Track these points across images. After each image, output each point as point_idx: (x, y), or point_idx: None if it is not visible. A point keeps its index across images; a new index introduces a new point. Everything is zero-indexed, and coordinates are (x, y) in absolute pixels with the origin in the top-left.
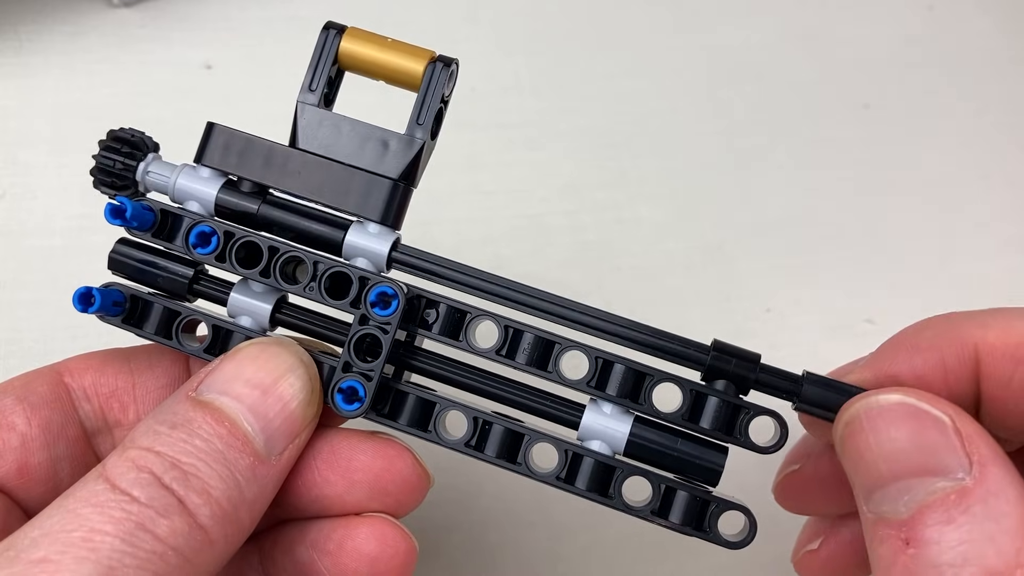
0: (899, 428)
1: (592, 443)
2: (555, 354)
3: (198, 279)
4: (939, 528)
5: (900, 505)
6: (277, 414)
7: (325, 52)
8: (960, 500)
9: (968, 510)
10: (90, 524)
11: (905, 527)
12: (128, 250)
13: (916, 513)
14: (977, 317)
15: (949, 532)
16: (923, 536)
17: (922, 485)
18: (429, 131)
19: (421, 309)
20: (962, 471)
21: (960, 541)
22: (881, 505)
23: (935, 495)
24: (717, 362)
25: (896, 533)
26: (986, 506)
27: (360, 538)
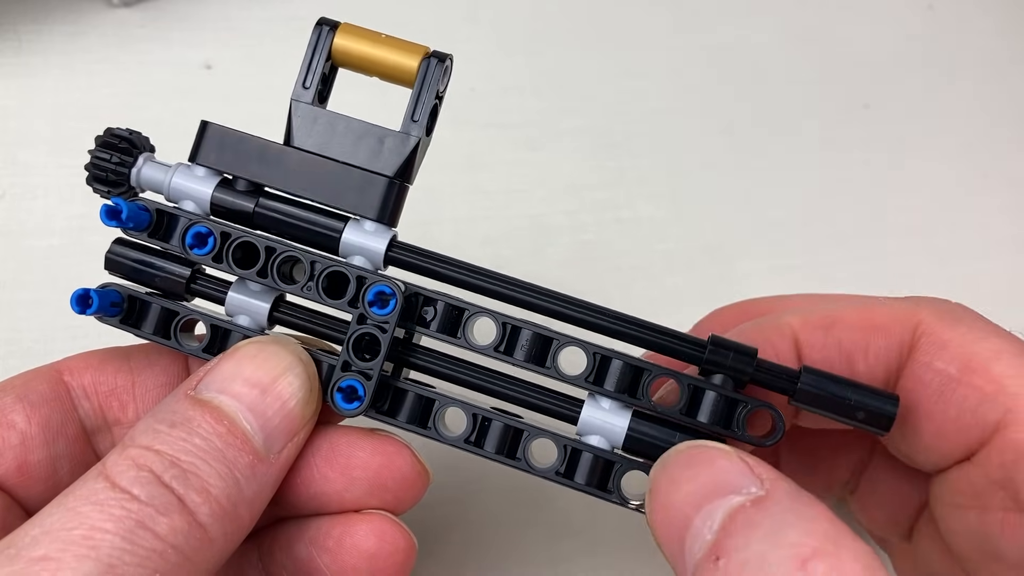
0: (690, 467)
1: (591, 438)
2: (553, 350)
3: (195, 278)
4: (743, 533)
5: (706, 533)
6: (276, 412)
7: (318, 49)
8: (757, 506)
9: (767, 511)
10: (90, 522)
11: (713, 548)
12: (124, 250)
13: (720, 530)
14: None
15: (752, 533)
16: (729, 544)
17: (721, 505)
18: (424, 128)
19: (419, 307)
20: (755, 487)
21: (764, 536)
22: (693, 551)
23: (733, 507)
24: (714, 356)
25: (710, 565)
26: (782, 506)
27: (359, 535)
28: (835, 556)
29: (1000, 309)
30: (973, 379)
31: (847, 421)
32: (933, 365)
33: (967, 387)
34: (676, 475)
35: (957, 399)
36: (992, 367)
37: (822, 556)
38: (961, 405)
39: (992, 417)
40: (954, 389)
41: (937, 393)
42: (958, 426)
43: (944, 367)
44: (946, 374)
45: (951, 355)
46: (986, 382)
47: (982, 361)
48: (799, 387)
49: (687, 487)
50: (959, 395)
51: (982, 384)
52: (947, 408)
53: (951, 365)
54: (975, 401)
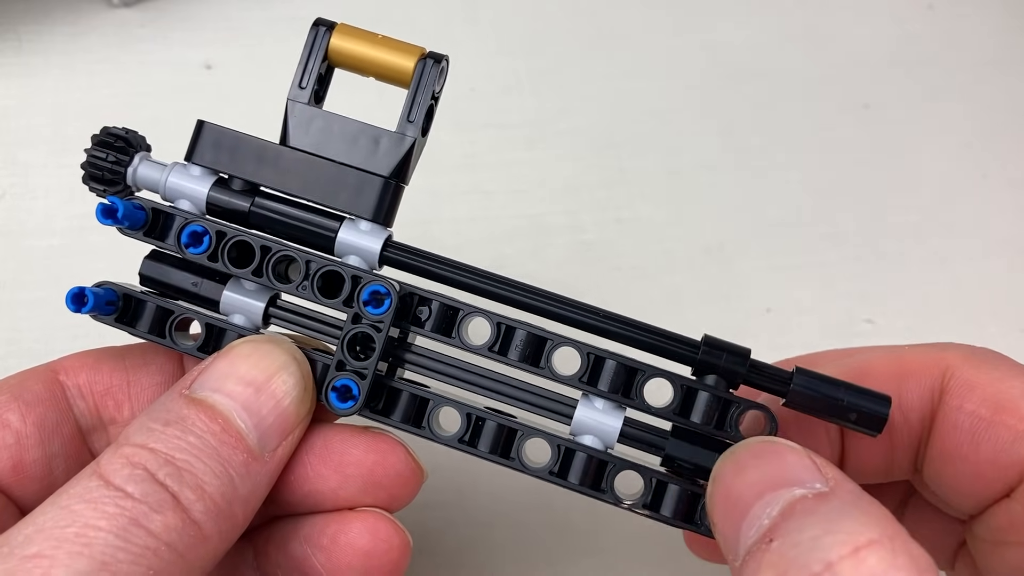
0: (760, 457)
1: (584, 438)
2: (547, 350)
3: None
4: (799, 519)
5: (763, 518)
6: (270, 411)
7: (315, 49)
8: (819, 498)
9: (828, 503)
10: (84, 520)
11: (768, 531)
12: (159, 266)
13: (778, 516)
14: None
15: (809, 520)
16: (784, 527)
17: (782, 495)
18: (420, 128)
19: (414, 306)
20: (819, 483)
21: (820, 522)
22: (748, 535)
23: (795, 498)
24: (707, 357)
25: (763, 546)
26: (843, 501)
27: (354, 532)
28: (889, 549)
29: (1000, 309)
30: (1005, 418)
31: (840, 422)
32: (964, 408)
33: (1000, 427)
34: (743, 463)
35: (991, 439)
36: (1022, 405)
37: (875, 547)
38: (995, 445)
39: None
40: (987, 429)
41: (970, 435)
42: (994, 465)
43: (975, 408)
44: (977, 415)
45: (981, 397)
46: (1018, 420)
47: (1012, 400)
48: (792, 388)
49: (752, 475)
50: (992, 435)
51: (1015, 423)
52: (981, 449)
53: (982, 407)
54: (1009, 439)
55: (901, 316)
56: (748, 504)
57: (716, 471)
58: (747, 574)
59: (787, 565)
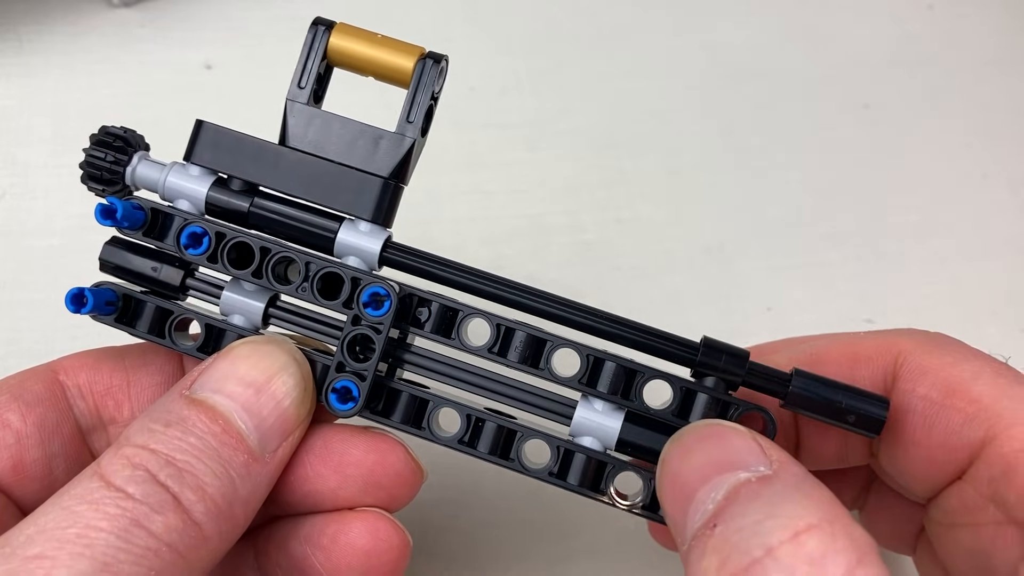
0: (705, 441)
1: (584, 439)
2: (547, 351)
3: (190, 275)
4: (743, 504)
5: (708, 503)
6: (270, 412)
7: (314, 49)
8: (762, 482)
9: (771, 487)
10: (85, 520)
11: (712, 517)
12: (118, 251)
13: (722, 500)
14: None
15: (752, 505)
16: (727, 513)
17: (727, 479)
18: (419, 128)
19: (413, 307)
20: (763, 466)
21: (762, 507)
22: (694, 520)
23: (739, 482)
24: (706, 359)
25: (707, 531)
26: (786, 484)
27: (353, 532)
28: (829, 533)
29: (1000, 309)
30: (955, 401)
31: (838, 424)
32: (916, 391)
33: (950, 410)
34: (688, 447)
35: (942, 422)
36: (972, 388)
37: (816, 531)
38: (946, 428)
39: (976, 435)
40: (938, 413)
41: (922, 419)
42: (945, 448)
43: (927, 392)
44: (929, 399)
45: (932, 380)
46: (967, 403)
47: (962, 383)
48: (790, 390)
49: (696, 459)
50: (943, 418)
51: (964, 405)
52: (933, 432)
53: (933, 390)
54: (959, 422)
55: (901, 316)
56: (694, 488)
57: (663, 455)
58: (692, 559)
59: (729, 550)
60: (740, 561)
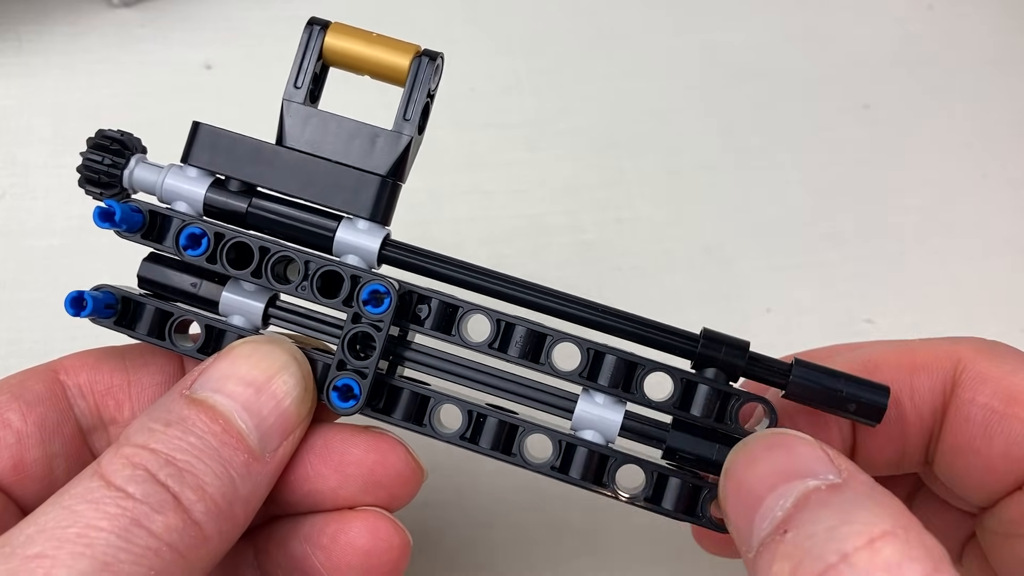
0: (772, 449)
1: (585, 433)
2: (547, 346)
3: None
4: (813, 510)
5: (777, 510)
6: (271, 411)
7: (310, 48)
8: (832, 489)
9: (841, 495)
10: (85, 520)
11: (782, 523)
12: (157, 267)
13: (791, 507)
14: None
15: (824, 511)
16: (798, 519)
17: (795, 487)
18: (416, 126)
19: (413, 304)
20: (832, 474)
21: (835, 514)
22: (761, 527)
23: (808, 489)
24: (707, 350)
25: (777, 537)
26: (857, 492)
27: (353, 532)
28: (904, 540)
29: (1000, 309)
30: (1017, 411)
31: (839, 413)
32: (977, 400)
33: (1012, 419)
34: (755, 456)
35: (1004, 432)
36: None
37: (890, 538)
38: (1008, 438)
39: None
40: (999, 422)
41: (982, 428)
42: (1007, 458)
43: (987, 401)
44: (990, 408)
45: (993, 389)
46: None
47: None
48: (791, 380)
49: (764, 467)
50: (1005, 428)
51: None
52: (994, 442)
53: (994, 399)
54: (1021, 432)
55: (901, 316)
56: (761, 496)
57: (728, 464)
58: (761, 566)
59: (802, 556)
60: (814, 567)
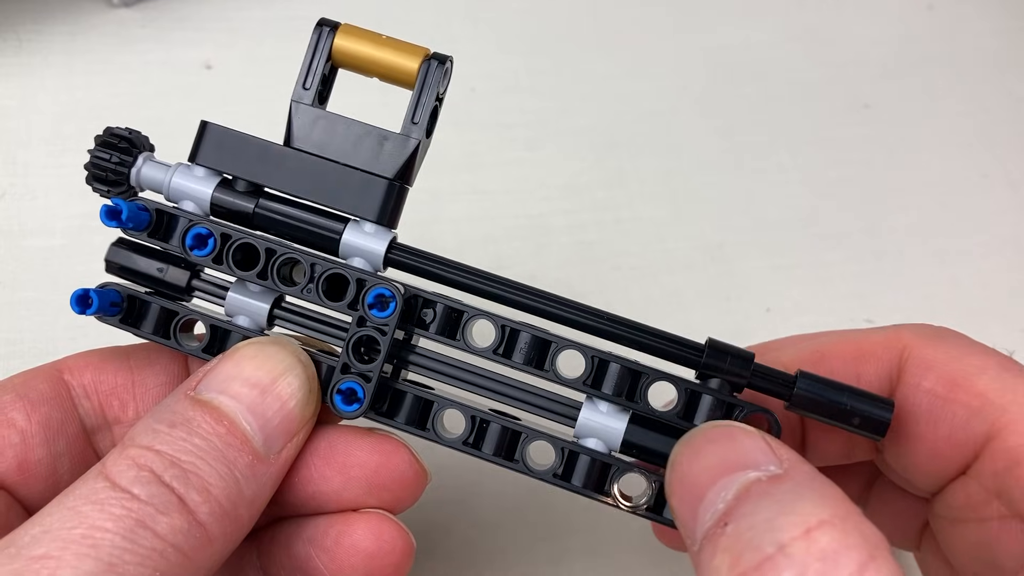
0: (715, 442)
1: (588, 441)
2: (551, 353)
3: (196, 276)
4: (754, 502)
5: (719, 503)
6: (275, 413)
7: (319, 50)
8: (773, 480)
9: (781, 485)
10: (90, 521)
11: (724, 516)
12: (124, 252)
13: (732, 499)
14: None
15: (764, 503)
16: (739, 511)
17: (737, 478)
18: (424, 129)
19: (418, 309)
20: (773, 465)
21: (774, 504)
22: (704, 519)
23: (749, 481)
24: (711, 360)
25: (718, 530)
26: (797, 483)
27: (357, 534)
28: (841, 529)
29: (1000, 309)
30: (960, 395)
31: (843, 426)
32: (921, 386)
33: (955, 404)
34: (697, 448)
35: (947, 417)
36: (977, 382)
37: (827, 527)
38: (951, 422)
39: (981, 429)
40: (943, 407)
41: (927, 413)
42: (951, 443)
43: (932, 387)
44: (934, 393)
45: (937, 375)
46: (972, 397)
47: (967, 377)
48: (795, 392)
49: (706, 460)
50: (948, 412)
51: (969, 399)
52: (938, 427)
53: (938, 384)
54: (964, 416)
55: (901, 316)
56: (704, 489)
57: (673, 456)
58: (704, 559)
59: (741, 548)
60: (752, 558)
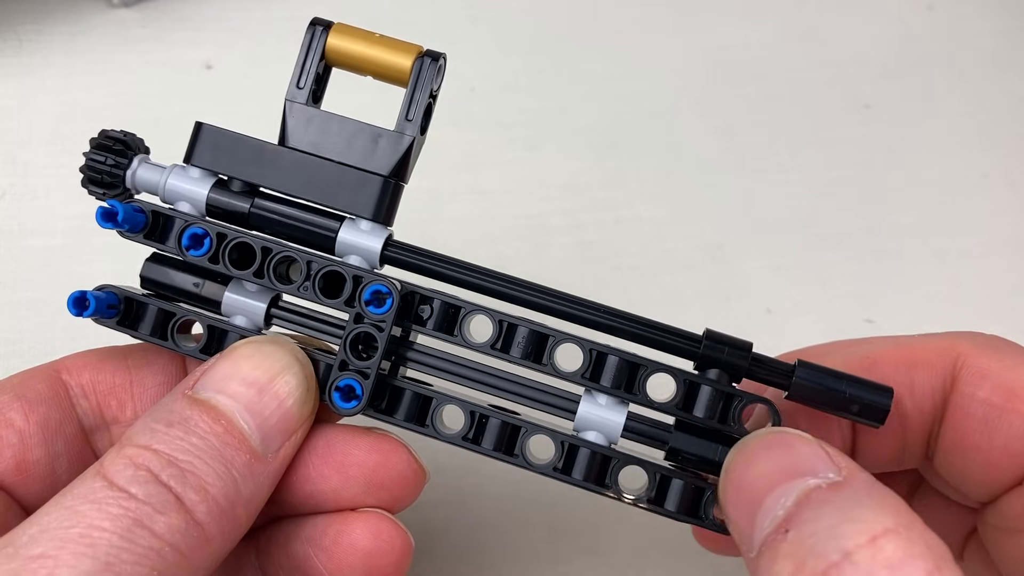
0: (771, 449)
1: (588, 434)
2: (549, 347)
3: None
4: (815, 509)
5: (778, 509)
6: (273, 412)
7: (312, 49)
8: (833, 488)
9: (842, 493)
10: (88, 521)
11: (784, 522)
12: (159, 268)
13: (792, 506)
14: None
15: (825, 510)
16: (799, 518)
17: (796, 485)
18: (419, 127)
19: (415, 305)
20: (832, 473)
21: (836, 511)
22: (763, 526)
23: (809, 488)
24: (709, 351)
25: (779, 536)
26: (858, 490)
27: (355, 533)
28: (906, 538)
29: (1000, 309)
30: (1018, 406)
31: (842, 414)
32: (976, 396)
33: (1013, 414)
34: (754, 455)
35: (1003, 427)
36: None
37: (892, 535)
38: (1008, 432)
39: None
40: (999, 417)
41: (983, 423)
42: (1007, 453)
43: (987, 396)
44: (990, 403)
45: (993, 384)
46: None
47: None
48: (794, 381)
49: (764, 467)
50: (1005, 423)
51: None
52: (994, 437)
53: (994, 394)
54: (1021, 427)
55: (901, 316)
56: (762, 495)
57: (728, 463)
58: (763, 565)
59: (804, 554)
60: (816, 565)
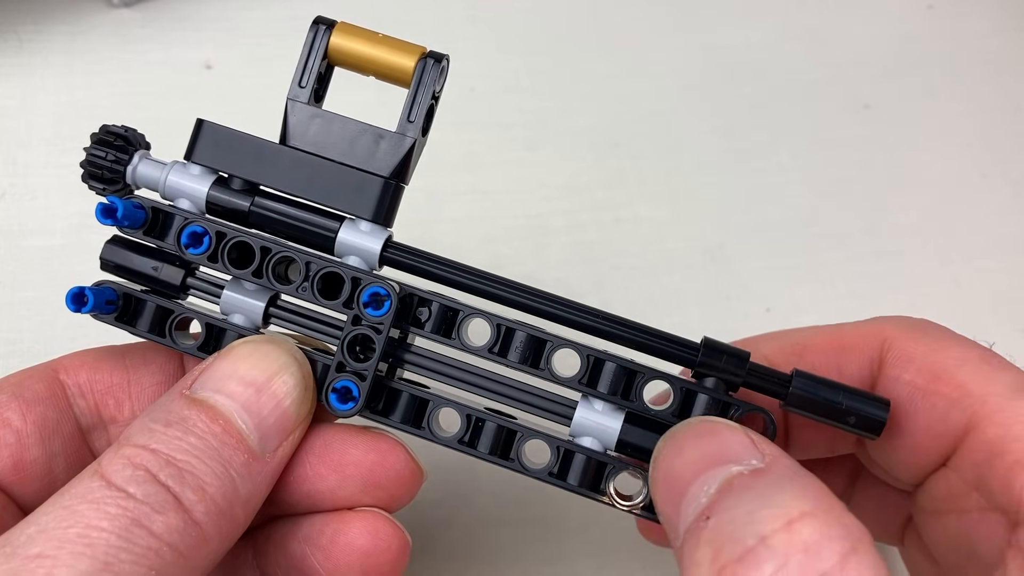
0: (697, 437)
1: (584, 440)
2: (547, 352)
3: (191, 274)
4: (736, 495)
5: (702, 497)
6: (271, 412)
7: (315, 48)
8: (755, 474)
9: (764, 478)
10: (86, 520)
11: (706, 509)
12: (119, 250)
13: (715, 493)
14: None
15: (745, 496)
16: (720, 504)
17: (719, 472)
18: (420, 128)
19: (414, 307)
20: (755, 459)
21: (755, 497)
22: (687, 514)
23: (732, 475)
24: (707, 359)
25: (700, 524)
26: (779, 476)
27: (353, 532)
28: (823, 521)
29: (1000, 309)
30: (940, 387)
31: (838, 425)
32: (902, 378)
33: (935, 396)
34: (680, 444)
35: (927, 409)
36: (957, 374)
37: (809, 519)
38: (931, 414)
39: (960, 421)
40: (923, 399)
41: (908, 405)
42: (930, 435)
43: (912, 379)
44: (914, 385)
45: (918, 367)
46: (952, 388)
47: (947, 369)
48: (791, 391)
49: (689, 455)
50: (928, 404)
51: (948, 391)
52: (919, 419)
53: (919, 376)
54: (944, 408)
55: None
56: (687, 483)
57: (656, 451)
58: (686, 552)
59: (723, 540)
60: (733, 551)
